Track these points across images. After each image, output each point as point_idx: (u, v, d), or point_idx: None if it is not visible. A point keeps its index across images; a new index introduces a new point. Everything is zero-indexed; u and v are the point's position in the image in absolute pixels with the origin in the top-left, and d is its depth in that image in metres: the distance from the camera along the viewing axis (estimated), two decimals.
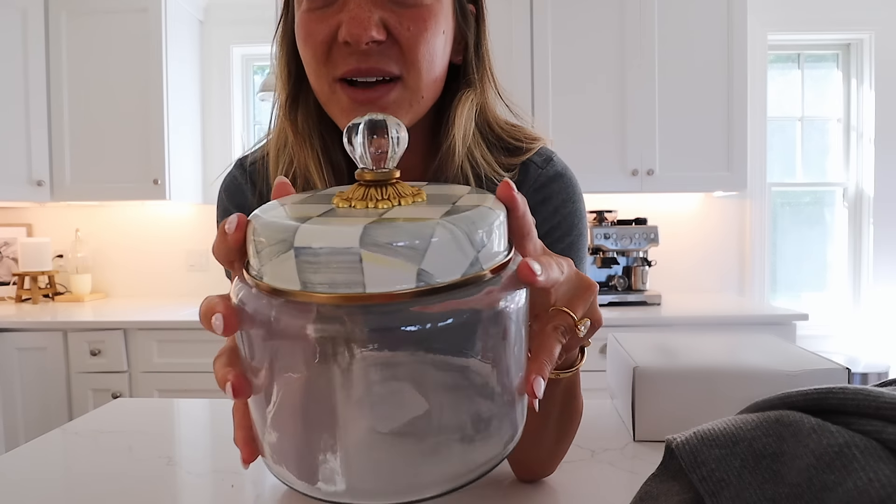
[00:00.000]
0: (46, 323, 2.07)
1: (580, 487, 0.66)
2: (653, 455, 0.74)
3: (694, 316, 2.02)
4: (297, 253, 0.25)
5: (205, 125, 2.71)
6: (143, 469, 0.72)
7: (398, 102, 0.56)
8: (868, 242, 2.66)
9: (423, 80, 0.56)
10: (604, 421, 0.87)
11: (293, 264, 0.25)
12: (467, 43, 0.65)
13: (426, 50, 0.55)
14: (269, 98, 2.40)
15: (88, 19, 2.38)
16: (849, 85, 2.71)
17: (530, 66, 2.26)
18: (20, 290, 2.54)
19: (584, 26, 2.27)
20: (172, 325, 2.05)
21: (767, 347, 0.85)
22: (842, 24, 2.62)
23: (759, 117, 2.61)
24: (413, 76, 0.55)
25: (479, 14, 0.68)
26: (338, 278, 0.24)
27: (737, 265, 2.66)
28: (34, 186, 2.38)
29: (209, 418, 0.93)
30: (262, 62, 2.80)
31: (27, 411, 2.08)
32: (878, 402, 0.31)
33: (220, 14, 2.70)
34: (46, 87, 2.39)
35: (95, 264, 2.72)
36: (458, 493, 0.28)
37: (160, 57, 2.36)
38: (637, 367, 0.77)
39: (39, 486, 0.68)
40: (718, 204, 2.65)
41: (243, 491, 0.66)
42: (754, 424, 0.35)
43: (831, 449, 0.30)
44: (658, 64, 2.26)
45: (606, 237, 2.26)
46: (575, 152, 2.28)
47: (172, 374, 2.05)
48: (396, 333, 0.26)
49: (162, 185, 2.37)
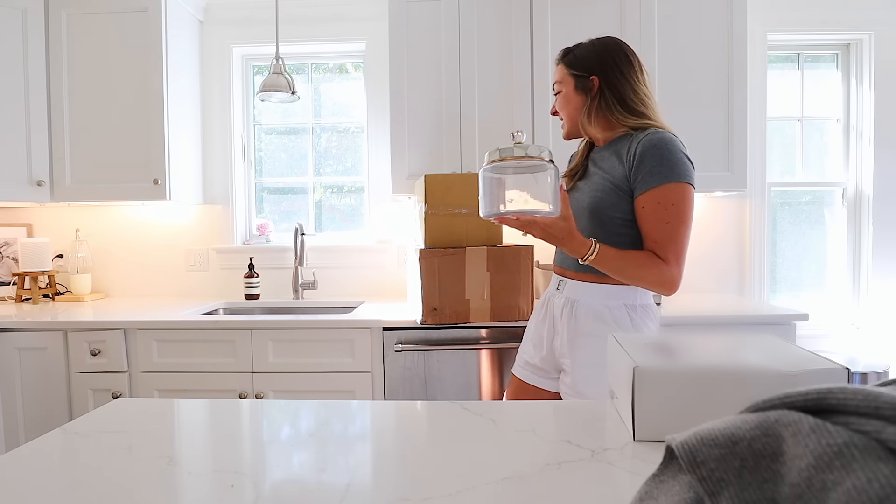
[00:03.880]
0: (46, 323, 2.07)
1: (580, 487, 0.66)
2: (653, 455, 0.74)
3: (694, 316, 2.02)
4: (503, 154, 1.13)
5: (205, 125, 2.71)
6: (143, 469, 0.72)
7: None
8: (867, 242, 2.66)
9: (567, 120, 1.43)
10: (604, 421, 0.87)
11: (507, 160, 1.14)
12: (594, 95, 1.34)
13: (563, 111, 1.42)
14: (269, 98, 2.40)
15: (88, 19, 2.38)
16: (848, 85, 2.71)
17: (530, 67, 2.26)
18: (20, 290, 2.54)
19: (584, 26, 2.27)
20: (172, 325, 2.05)
21: (767, 347, 0.85)
22: (841, 24, 2.62)
23: (758, 117, 2.61)
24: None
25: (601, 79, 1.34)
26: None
27: (736, 265, 2.67)
28: (34, 186, 2.38)
29: (209, 418, 0.93)
30: (262, 62, 2.80)
31: (27, 411, 2.08)
32: (877, 402, 0.31)
33: (220, 14, 2.70)
34: (46, 87, 2.40)
35: (95, 264, 2.73)
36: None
37: (160, 57, 2.36)
38: (637, 367, 0.77)
39: (39, 486, 0.68)
40: (718, 204, 2.66)
41: (243, 491, 0.66)
42: (754, 424, 0.35)
43: (831, 449, 0.30)
44: (658, 64, 2.26)
45: None
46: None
47: (172, 374, 2.05)
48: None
49: (162, 185, 2.37)
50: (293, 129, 2.84)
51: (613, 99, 1.31)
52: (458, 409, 0.95)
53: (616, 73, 1.31)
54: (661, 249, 1.18)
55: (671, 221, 1.17)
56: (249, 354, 2.04)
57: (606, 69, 1.31)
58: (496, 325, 1.98)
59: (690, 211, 1.19)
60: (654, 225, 1.19)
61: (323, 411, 0.95)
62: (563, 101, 1.39)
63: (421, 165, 2.30)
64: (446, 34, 2.27)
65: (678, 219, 1.17)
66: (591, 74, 1.33)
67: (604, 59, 1.33)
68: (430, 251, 1.88)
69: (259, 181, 2.85)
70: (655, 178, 1.18)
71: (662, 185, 1.17)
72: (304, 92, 2.79)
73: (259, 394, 2.04)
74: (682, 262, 1.19)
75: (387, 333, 2.01)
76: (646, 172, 1.19)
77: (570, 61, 1.37)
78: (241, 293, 2.68)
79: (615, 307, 1.28)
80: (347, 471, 0.72)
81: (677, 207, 1.17)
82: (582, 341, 1.31)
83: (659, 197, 1.18)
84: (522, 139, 1.12)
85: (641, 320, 1.29)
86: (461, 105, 2.28)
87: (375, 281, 2.70)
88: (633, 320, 1.28)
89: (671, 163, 1.18)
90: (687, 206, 1.18)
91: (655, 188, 1.18)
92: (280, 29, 2.55)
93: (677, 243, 1.18)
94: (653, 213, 1.19)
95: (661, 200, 1.18)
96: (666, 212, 1.17)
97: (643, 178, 1.20)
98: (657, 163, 1.18)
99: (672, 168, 1.18)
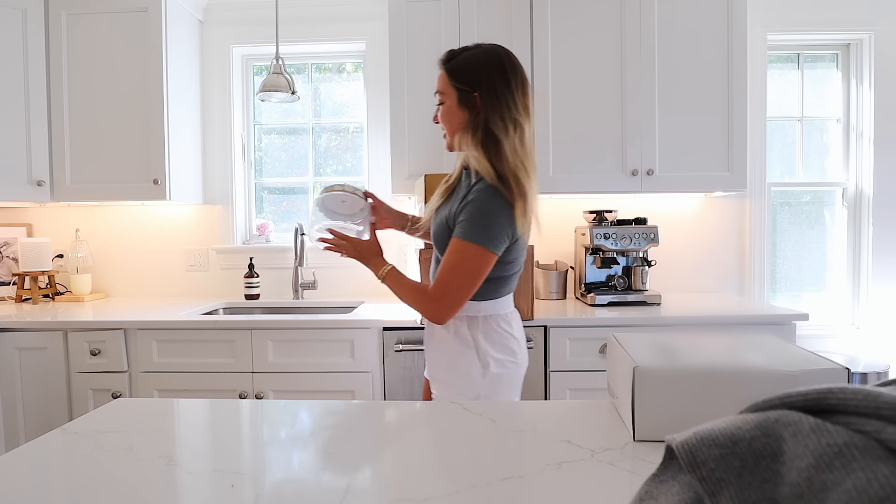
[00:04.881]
0: (46, 323, 2.07)
1: (580, 487, 0.66)
2: (653, 455, 0.74)
3: (694, 316, 2.02)
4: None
5: (205, 125, 2.71)
6: (143, 469, 0.72)
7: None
8: (867, 242, 2.66)
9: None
10: (604, 421, 0.87)
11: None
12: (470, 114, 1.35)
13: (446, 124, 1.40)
14: (269, 98, 2.40)
15: (88, 19, 2.38)
16: (848, 85, 2.71)
17: (530, 67, 2.26)
18: (20, 289, 2.54)
19: (583, 26, 2.27)
20: (172, 325, 2.05)
21: (767, 347, 0.85)
22: (841, 24, 2.62)
23: (758, 117, 2.61)
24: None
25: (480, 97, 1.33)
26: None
27: (736, 265, 2.67)
28: (34, 186, 2.38)
29: (209, 418, 0.93)
30: (262, 62, 2.80)
31: (27, 411, 2.08)
32: (877, 402, 0.31)
33: (220, 14, 2.70)
34: (46, 87, 2.40)
35: (95, 264, 2.73)
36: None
37: (160, 57, 2.36)
38: (637, 367, 0.77)
39: (39, 485, 0.68)
40: (718, 204, 2.66)
41: (243, 491, 0.66)
42: (754, 424, 0.35)
43: (831, 449, 0.30)
44: (658, 64, 2.26)
45: (606, 237, 2.26)
46: (575, 152, 2.29)
47: (172, 374, 2.05)
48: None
49: (162, 185, 2.37)
50: (293, 129, 2.84)
51: (486, 127, 1.30)
52: (458, 409, 0.95)
53: (495, 96, 1.30)
54: (433, 285, 1.32)
55: (451, 270, 1.29)
56: (249, 354, 2.04)
57: (488, 86, 1.31)
58: None
59: (475, 268, 1.29)
60: (442, 265, 1.32)
61: (323, 411, 0.95)
62: (447, 113, 1.37)
63: (421, 165, 2.30)
64: (446, 34, 2.27)
65: (458, 269, 1.29)
66: (475, 91, 1.31)
67: (488, 73, 1.31)
68: (431, 251, 1.88)
69: (259, 181, 2.84)
70: (459, 230, 1.29)
71: (461, 238, 1.28)
72: (304, 92, 2.79)
73: (259, 394, 2.04)
74: (444, 301, 1.30)
75: (387, 333, 2.01)
76: (460, 221, 1.30)
77: (452, 70, 1.34)
78: (241, 293, 2.68)
79: (458, 316, 1.38)
80: (347, 471, 0.72)
81: (463, 261, 1.29)
82: (431, 344, 1.45)
83: (456, 245, 1.29)
84: (343, 181, 1.50)
85: (482, 332, 1.38)
86: None
87: (375, 281, 2.69)
88: (472, 330, 1.38)
89: (477, 223, 1.27)
90: (470, 264, 1.29)
91: (456, 238, 1.29)
92: (280, 29, 2.55)
93: (446, 287, 1.30)
94: (447, 255, 1.31)
95: (457, 249, 1.29)
96: (452, 258, 1.29)
97: (457, 225, 1.31)
98: (468, 217, 1.28)
99: (475, 229, 1.27)
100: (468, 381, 1.36)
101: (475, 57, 1.33)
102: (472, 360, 1.36)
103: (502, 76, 1.31)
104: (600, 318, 2.02)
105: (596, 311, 2.12)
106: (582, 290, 2.39)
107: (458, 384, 1.37)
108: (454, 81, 1.33)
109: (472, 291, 1.31)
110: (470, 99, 1.32)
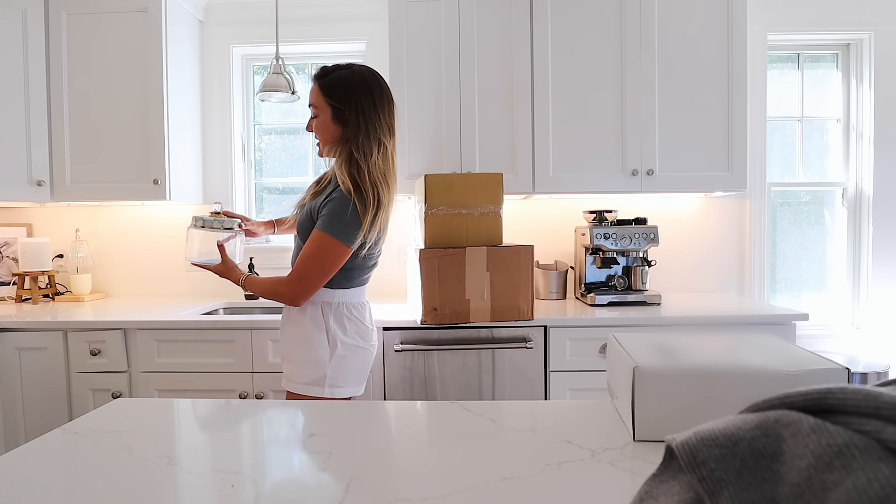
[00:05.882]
0: (46, 323, 2.07)
1: (580, 487, 0.66)
2: (653, 455, 0.74)
3: (694, 316, 2.02)
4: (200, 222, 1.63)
5: (205, 125, 2.71)
6: (143, 469, 0.72)
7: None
8: (867, 242, 2.66)
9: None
10: (604, 421, 0.87)
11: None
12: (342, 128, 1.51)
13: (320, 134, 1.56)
14: (269, 98, 2.40)
15: (88, 19, 2.38)
16: (848, 85, 2.71)
17: (530, 67, 2.26)
18: (20, 289, 2.54)
19: (584, 27, 2.27)
20: (172, 325, 2.05)
21: (767, 347, 0.85)
22: (841, 24, 2.62)
23: (758, 117, 2.61)
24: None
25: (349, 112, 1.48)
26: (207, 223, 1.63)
27: (736, 265, 2.67)
28: (34, 186, 2.38)
29: (209, 418, 0.93)
30: (262, 62, 2.80)
31: (27, 411, 2.08)
32: (877, 402, 0.31)
33: (220, 14, 2.70)
34: (46, 87, 2.40)
35: (95, 264, 2.73)
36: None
37: (160, 57, 2.36)
38: (637, 367, 0.77)
39: (39, 486, 0.68)
40: (718, 204, 2.66)
41: (243, 491, 0.66)
42: (754, 424, 0.35)
43: (831, 449, 0.30)
44: (658, 64, 2.26)
45: (606, 237, 2.26)
46: (575, 152, 2.29)
47: (172, 374, 2.05)
48: None
49: (162, 185, 2.37)
50: (293, 129, 2.84)
51: (355, 143, 1.47)
52: (458, 409, 0.95)
53: (364, 116, 1.47)
54: (293, 270, 1.49)
55: (309, 256, 1.46)
56: (249, 354, 2.04)
57: (357, 107, 1.47)
58: (496, 325, 1.98)
59: (330, 256, 1.45)
60: (302, 252, 1.48)
61: (323, 411, 0.95)
62: (322, 126, 1.52)
63: (421, 165, 2.30)
64: (446, 34, 2.27)
65: (315, 256, 1.45)
66: (347, 109, 1.47)
67: (358, 94, 1.48)
68: (430, 251, 1.88)
69: (259, 181, 2.84)
70: (320, 223, 1.46)
71: (321, 230, 1.45)
72: (305, 92, 2.78)
73: (259, 394, 2.04)
74: (301, 284, 1.47)
75: (387, 333, 2.01)
76: (322, 215, 1.46)
77: (325, 87, 1.50)
78: (241, 293, 2.68)
79: (314, 301, 1.53)
80: (347, 471, 0.72)
81: (320, 249, 1.45)
82: (286, 327, 1.59)
83: (316, 235, 1.46)
84: (218, 208, 1.66)
85: (334, 317, 1.54)
86: (461, 105, 2.28)
87: (375, 281, 2.69)
88: (325, 315, 1.53)
89: (336, 218, 1.44)
90: (325, 252, 1.45)
91: (317, 230, 1.46)
92: (280, 29, 2.55)
93: (303, 271, 1.46)
94: (307, 244, 1.47)
95: (316, 239, 1.45)
96: (311, 246, 1.46)
97: (319, 218, 1.48)
98: (328, 213, 1.45)
99: (333, 223, 1.44)
100: (316, 361, 1.50)
101: (347, 78, 1.49)
102: (322, 341, 1.51)
103: (370, 99, 1.48)
104: (600, 318, 2.02)
105: (596, 311, 2.12)
106: (582, 290, 2.39)
107: (308, 363, 1.51)
108: (328, 98, 1.50)
109: (327, 277, 1.47)
110: (343, 116, 1.48)
